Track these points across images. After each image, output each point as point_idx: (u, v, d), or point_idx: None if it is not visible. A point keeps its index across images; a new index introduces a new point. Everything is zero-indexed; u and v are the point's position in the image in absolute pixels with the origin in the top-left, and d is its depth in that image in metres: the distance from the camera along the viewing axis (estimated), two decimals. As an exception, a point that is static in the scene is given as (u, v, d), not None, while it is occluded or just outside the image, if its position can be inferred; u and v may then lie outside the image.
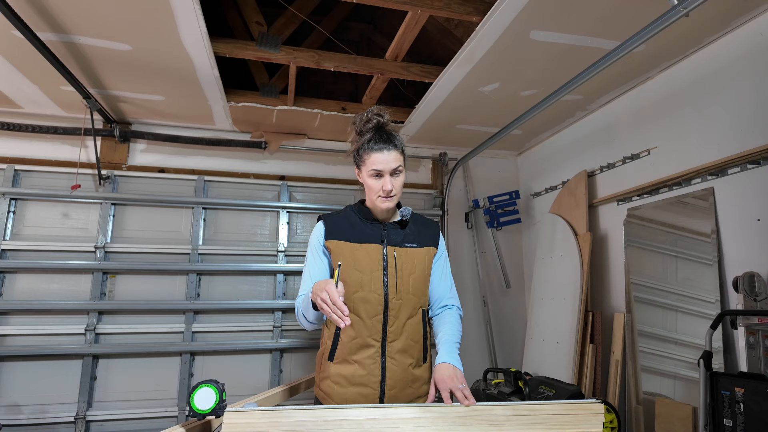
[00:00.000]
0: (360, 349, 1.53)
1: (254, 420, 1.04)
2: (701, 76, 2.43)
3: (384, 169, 1.50)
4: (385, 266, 1.56)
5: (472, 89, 2.88)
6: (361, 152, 1.54)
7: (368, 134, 1.52)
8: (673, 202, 2.56)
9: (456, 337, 1.58)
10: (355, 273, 1.54)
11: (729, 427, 1.92)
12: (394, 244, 1.59)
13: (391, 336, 1.53)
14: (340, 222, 1.63)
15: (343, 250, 1.56)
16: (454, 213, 4.03)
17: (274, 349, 3.46)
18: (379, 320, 1.53)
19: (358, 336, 1.53)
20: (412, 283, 1.58)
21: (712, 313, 2.23)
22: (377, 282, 1.54)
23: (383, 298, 1.54)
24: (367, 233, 1.59)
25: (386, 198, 1.53)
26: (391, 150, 1.50)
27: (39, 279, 3.16)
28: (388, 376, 1.52)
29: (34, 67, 2.59)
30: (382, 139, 1.51)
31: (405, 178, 1.58)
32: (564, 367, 2.98)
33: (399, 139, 1.55)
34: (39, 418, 3.01)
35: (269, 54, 2.71)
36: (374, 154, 1.50)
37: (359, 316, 1.54)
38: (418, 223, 1.70)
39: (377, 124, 1.52)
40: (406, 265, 1.58)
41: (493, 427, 1.09)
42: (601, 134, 3.17)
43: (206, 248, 3.46)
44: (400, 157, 1.53)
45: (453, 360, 1.46)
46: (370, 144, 1.51)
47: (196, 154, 3.58)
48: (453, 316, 1.67)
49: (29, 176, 3.26)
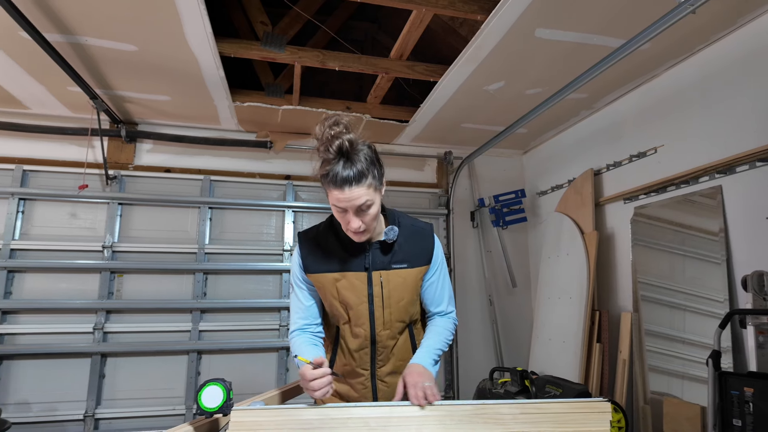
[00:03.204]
0: (351, 373, 1.50)
1: (261, 418, 1.04)
2: (709, 73, 2.41)
3: (348, 206, 1.25)
4: (371, 295, 1.41)
5: (477, 88, 2.88)
6: (322, 180, 1.26)
7: (330, 160, 1.22)
8: (680, 201, 2.54)
9: (439, 344, 1.44)
10: (339, 307, 1.43)
11: (738, 427, 1.91)
12: (380, 267, 1.40)
13: (380, 363, 1.48)
14: (318, 249, 1.43)
15: (325, 285, 1.42)
16: (460, 212, 4.03)
17: (280, 348, 3.48)
18: (366, 353, 1.46)
19: (348, 364, 1.50)
20: (401, 311, 1.45)
21: (720, 312, 2.21)
22: (363, 316, 1.41)
23: (370, 333, 1.43)
24: (348, 259, 1.40)
25: (355, 234, 1.31)
26: (354, 187, 1.22)
27: (48, 278, 3.19)
28: (380, 397, 1.49)
29: (41, 68, 2.61)
30: (344, 174, 1.21)
31: (377, 209, 1.30)
32: (571, 366, 2.97)
33: (368, 163, 1.25)
34: (49, 415, 3.04)
35: (274, 54, 2.71)
36: (335, 190, 1.23)
37: (347, 346, 1.48)
38: (408, 235, 1.45)
39: (340, 149, 1.21)
40: (395, 293, 1.42)
41: (500, 426, 1.09)
42: (607, 132, 3.16)
43: (213, 247, 3.48)
44: (369, 190, 1.25)
45: (425, 362, 1.35)
46: (329, 176, 1.22)
47: (202, 154, 3.60)
48: (444, 323, 1.51)
49: (37, 176, 3.29)
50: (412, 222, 1.51)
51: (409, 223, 1.49)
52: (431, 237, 1.50)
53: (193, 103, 3.14)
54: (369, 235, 1.35)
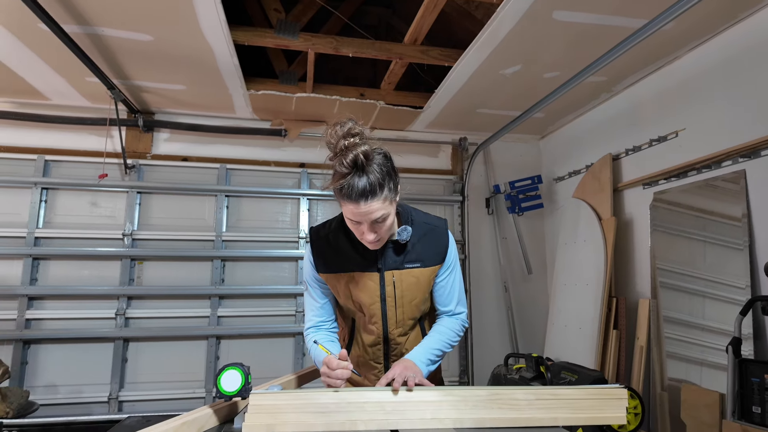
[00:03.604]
0: (365, 365, 1.52)
1: (279, 402, 1.06)
2: (733, 54, 2.33)
3: (362, 220, 1.23)
4: (383, 296, 1.40)
5: (493, 72, 2.83)
6: (336, 193, 1.23)
7: (345, 174, 1.18)
8: (701, 186, 2.49)
9: (438, 344, 1.42)
10: (352, 306, 1.44)
11: (758, 414, 1.89)
12: (393, 267, 1.39)
13: (393, 358, 1.49)
14: (329, 249, 1.42)
15: (337, 285, 1.43)
16: (475, 199, 4.00)
17: (297, 334, 3.53)
18: (379, 348, 1.47)
19: (362, 356, 1.52)
20: (414, 309, 1.45)
21: (741, 299, 2.17)
22: (376, 315, 1.42)
23: (382, 331, 1.44)
24: (361, 259, 1.38)
25: (369, 243, 1.29)
26: (370, 201, 1.18)
27: (71, 265, 3.28)
28: None
29: (59, 60, 2.65)
30: (359, 189, 1.17)
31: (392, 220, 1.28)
32: (587, 352, 2.95)
33: (383, 175, 1.20)
34: (75, 397, 3.15)
35: (288, 41, 2.71)
36: (350, 204, 1.20)
37: (362, 340, 1.49)
38: (422, 234, 1.42)
39: (354, 162, 1.16)
40: (408, 292, 1.41)
41: (515, 411, 1.09)
42: (626, 116, 3.09)
43: (230, 235, 3.53)
44: (384, 203, 1.22)
45: (418, 360, 1.34)
46: (343, 191, 1.19)
47: (218, 143, 3.63)
48: (451, 324, 1.49)
49: (58, 166, 3.36)
50: (425, 219, 1.47)
51: (422, 220, 1.45)
52: (445, 235, 1.47)
53: (208, 92, 3.16)
54: (383, 243, 1.34)
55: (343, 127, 1.19)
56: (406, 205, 1.47)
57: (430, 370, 1.38)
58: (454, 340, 1.47)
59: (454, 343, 1.47)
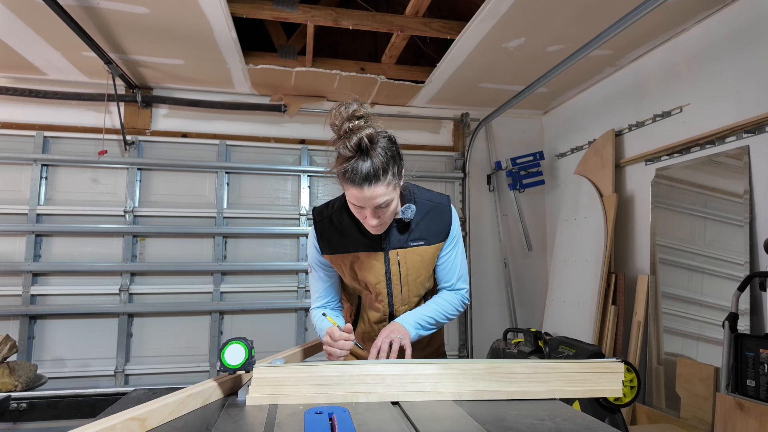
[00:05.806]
0: (371, 340, 1.51)
1: (282, 375, 1.08)
2: (741, 26, 2.28)
3: (365, 205, 1.22)
4: (389, 275, 1.40)
5: (496, 45, 2.78)
6: (339, 176, 1.21)
7: (348, 157, 1.16)
8: (704, 162, 2.47)
9: (432, 312, 1.42)
10: (358, 286, 1.45)
11: (752, 387, 1.92)
12: (397, 246, 1.38)
13: None
14: (333, 230, 1.41)
15: (342, 266, 1.43)
16: (476, 175, 3.99)
17: (299, 309, 3.57)
18: (384, 325, 1.45)
19: (368, 332, 1.53)
20: (419, 286, 1.45)
21: (740, 275, 2.19)
22: (382, 293, 1.43)
23: (388, 309, 1.45)
24: (365, 239, 1.38)
25: (372, 228, 1.29)
26: (374, 186, 1.17)
27: (73, 242, 3.30)
28: None
29: (54, 33, 2.60)
30: (363, 173, 1.15)
31: (395, 205, 1.27)
32: (585, 327, 2.99)
33: (388, 159, 1.19)
34: (82, 371, 3.22)
35: (286, 13, 2.65)
36: (353, 189, 1.19)
37: (367, 317, 1.51)
38: (425, 212, 1.41)
39: (359, 146, 1.14)
40: (413, 271, 1.41)
41: (513, 384, 1.11)
42: (630, 91, 3.04)
43: (231, 212, 3.53)
44: (388, 188, 1.20)
45: (407, 323, 1.36)
46: (346, 174, 1.17)
47: (218, 119, 3.60)
48: (450, 297, 1.48)
49: (58, 143, 3.34)
50: (428, 197, 1.45)
51: (425, 198, 1.44)
52: (449, 212, 1.45)
53: (207, 66, 3.11)
54: (386, 228, 1.32)
55: (347, 109, 1.16)
56: (409, 183, 1.45)
57: (420, 334, 1.39)
58: (450, 313, 1.47)
59: (450, 315, 1.47)
